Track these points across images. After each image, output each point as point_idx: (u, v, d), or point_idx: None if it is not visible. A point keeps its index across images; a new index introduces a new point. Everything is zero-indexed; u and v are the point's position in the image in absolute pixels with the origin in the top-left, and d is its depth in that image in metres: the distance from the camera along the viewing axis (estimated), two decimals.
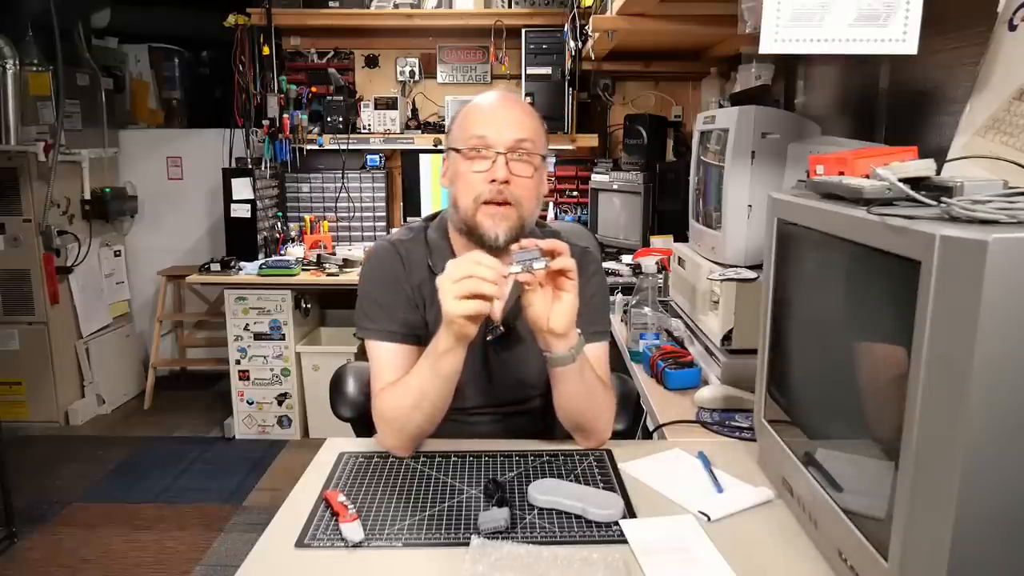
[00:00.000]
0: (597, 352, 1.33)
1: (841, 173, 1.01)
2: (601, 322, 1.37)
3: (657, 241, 2.84)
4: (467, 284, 1.04)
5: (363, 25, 3.64)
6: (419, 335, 1.29)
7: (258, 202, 3.56)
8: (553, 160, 3.83)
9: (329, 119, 3.67)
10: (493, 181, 1.21)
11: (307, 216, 3.81)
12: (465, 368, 1.25)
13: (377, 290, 1.31)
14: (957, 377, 0.63)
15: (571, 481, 1.13)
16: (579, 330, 1.18)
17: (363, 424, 1.60)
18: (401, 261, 1.32)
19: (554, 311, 1.13)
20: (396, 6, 3.60)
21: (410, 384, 1.17)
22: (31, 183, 3.56)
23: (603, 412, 1.26)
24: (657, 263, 2.17)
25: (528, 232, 1.31)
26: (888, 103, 1.62)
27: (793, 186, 1.38)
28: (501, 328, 1.31)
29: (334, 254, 3.52)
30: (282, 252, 3.65)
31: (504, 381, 1.35)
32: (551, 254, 1.10)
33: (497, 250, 1.23)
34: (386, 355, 1.28)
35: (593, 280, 1.38)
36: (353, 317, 1.36)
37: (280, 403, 3.53)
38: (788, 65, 2.31)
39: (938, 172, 0.86)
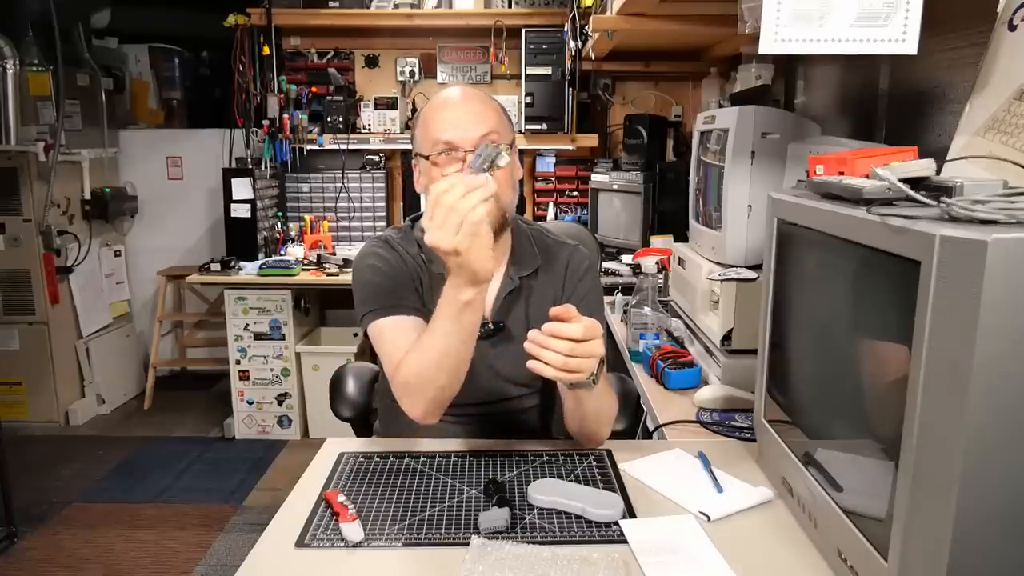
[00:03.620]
0: None
1: (841, 173, 1.01)
2: (595, 318, 1.37)
3: (657, 241, 2.84)
4: (453, 217, 0.96)
5: (363, 25, 3.64)
6: (424, 314, 1.26)
7: (258, 202, 3.56)
8: (553, 160, 3.83)
9: (329, 119, 3.67)
10: None
11: (307, 216, 3.81)
12: None
13: (378, 275, 1.29)
14: (957, 377, 0.63)
15: (571, 481, 1.14)
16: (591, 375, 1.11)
17: (363, 424, 1.60)
18: (397, 253, 1.33)
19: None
20: (396, 6, 3.60)
21: (430, 343, 1.10)
22: (31, 183, 3.56)
23: (606, 421, 1.26)
24: (657, 263, 2.17)
25: (511, 222, 1.32)
26: (888, 103, 1.61)
27: (793, 186, 1.38)
28: (492, 325, 1.31)
29: (334, 254, 3.52)
30: (282, 252, 3.65)
31: (496, 378, 1.34)
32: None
33: None
34: (398, 328, 1.23)
35: (585, 278, 1.38)
36: (353, 317, 1.34)
37: (280, 403, 3.53)
38: (788, 65, 2.31)
39: (938, 172, 0.86)
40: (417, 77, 3.76)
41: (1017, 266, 0.61)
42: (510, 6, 3.62)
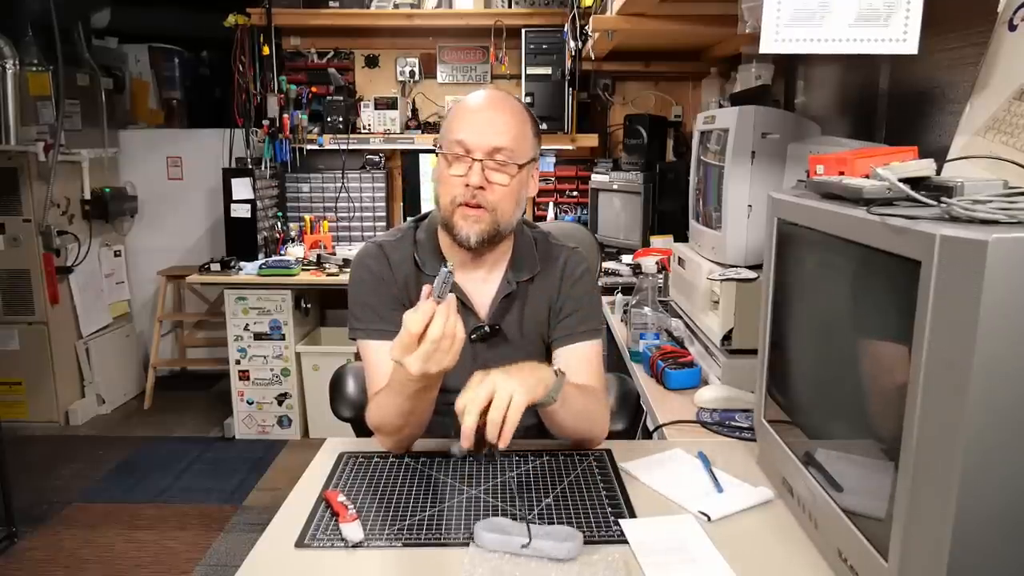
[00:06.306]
0: (588, 351, 1.35)
1: (841, 173, 1.01)
2: (593, 320, 1.38)
3: (657, 241, 2.84)
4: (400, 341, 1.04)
5: (363, 25, 3.64)
6: None
7: (258, 202, 3.56)
8: (553, 160, 3.83)
9: (329, 119, 3.67)
10: (468, 185, 1.23)
11: (307, 216, 3.81)
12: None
13: (363, 291, 1.34)
14: (957, 377, 0.63)
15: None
16: (556, 368, 1.18)
17: (363, 424, 1.59)
18: (387, 261, 1.34)
19: None
20: (396, 6, 3.60)
21: (390, 400, 1.17)
22: (31, 183, 3.56)
23: (597, 423, 1.27)
24: (657, 263, 2.17)
25: (511, 233, 1.33)
26: (888, 103, 1.61)
27: (793, 186, 1.38)
28: (487, 328, 1.33)
29: (334, 254, 3.52)
30: (282, 252, 3.65)
31: None
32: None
33: (470, 249, 1.27)
34: (376, 354, 1.30)
35: (582, 280, 1.39)
36: None
37: (280, 403, 3.53)
38: (788, 65, 2.31)
39: (938, 172, 0.87)
40: (417, 77, 3.76)
41: (1017, 266, 0.61)
42: (510, 6, 3.62)
